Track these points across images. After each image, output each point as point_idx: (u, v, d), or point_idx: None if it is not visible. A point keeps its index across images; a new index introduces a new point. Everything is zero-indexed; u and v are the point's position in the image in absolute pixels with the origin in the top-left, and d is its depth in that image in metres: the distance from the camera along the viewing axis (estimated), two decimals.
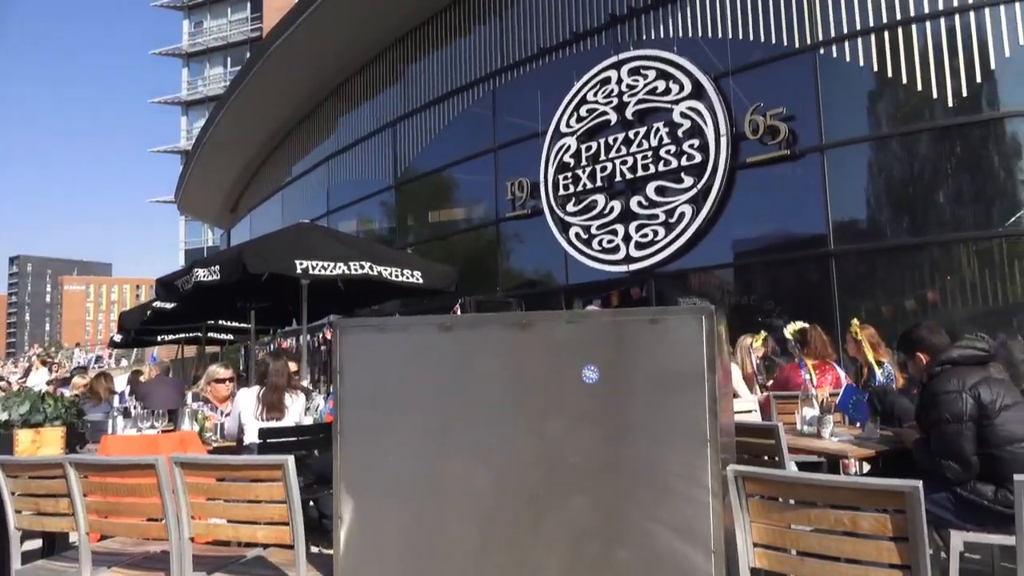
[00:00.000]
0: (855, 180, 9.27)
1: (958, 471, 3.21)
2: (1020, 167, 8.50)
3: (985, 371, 3.42)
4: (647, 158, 10.43)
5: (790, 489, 2.27)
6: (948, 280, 8.67)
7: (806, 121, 9.27)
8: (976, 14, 8.45)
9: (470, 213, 14.30)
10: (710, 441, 2.26)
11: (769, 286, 10.13)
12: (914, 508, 1.95)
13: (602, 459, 2.41)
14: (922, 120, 8.79)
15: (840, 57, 9.11)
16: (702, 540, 2.26)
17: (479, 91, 13.60)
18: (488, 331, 2.69)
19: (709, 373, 2.28)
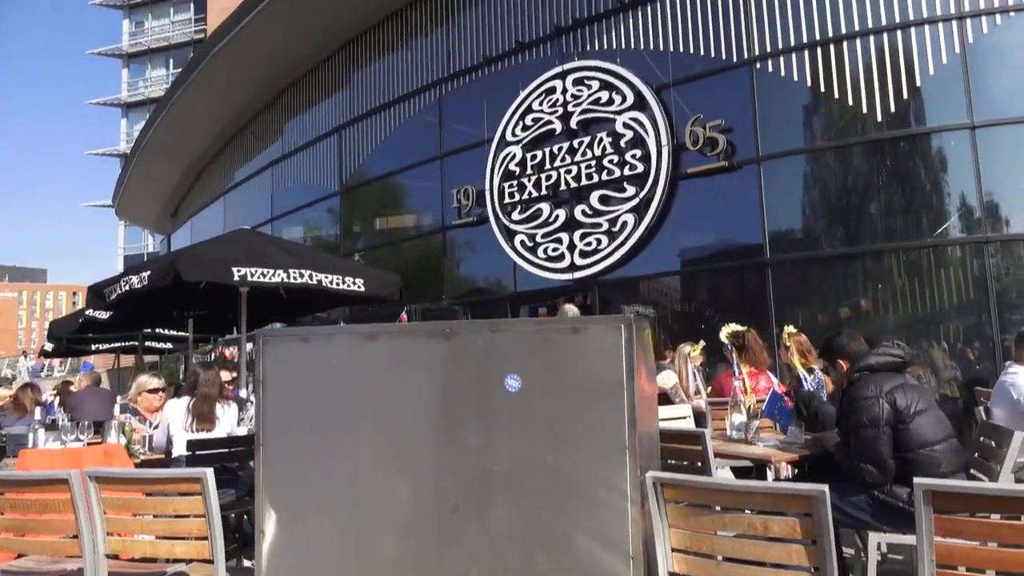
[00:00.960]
0: (790, 191, 9.53)
1: (875, 474, 3.31)
2: (946, 180, 8.86)
3: (901, 377, 3.55)
4: (591, 167, 10.55)
5: (706, 495, 2.32)
6: (879, 288, 8.97)
7: (744, 133, 9.50)
8: (903, 33, 8.79)
9: (416, 220, 14.24)
10: (629, 449, 2.29)
11: (708, 294, 10.34)
12: (821, 512, 2.01)
13: (524, 468, 2.42)
14: (854, 134, 9.10)
15: (776, 71, 9.38)
16: (621, 546, 2.29)
17: (426, 98, 13.57)
18: (413, 341, 2.67)
19: (628, 382, 2.31)
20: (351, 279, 7.20)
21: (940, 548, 1.99)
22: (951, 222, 8.72)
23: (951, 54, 8.53)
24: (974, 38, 8.50)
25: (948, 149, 8.80)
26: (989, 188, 8.45)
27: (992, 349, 8.20)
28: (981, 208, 8.51)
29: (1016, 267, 8.60)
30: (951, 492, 1.97)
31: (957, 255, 8.72)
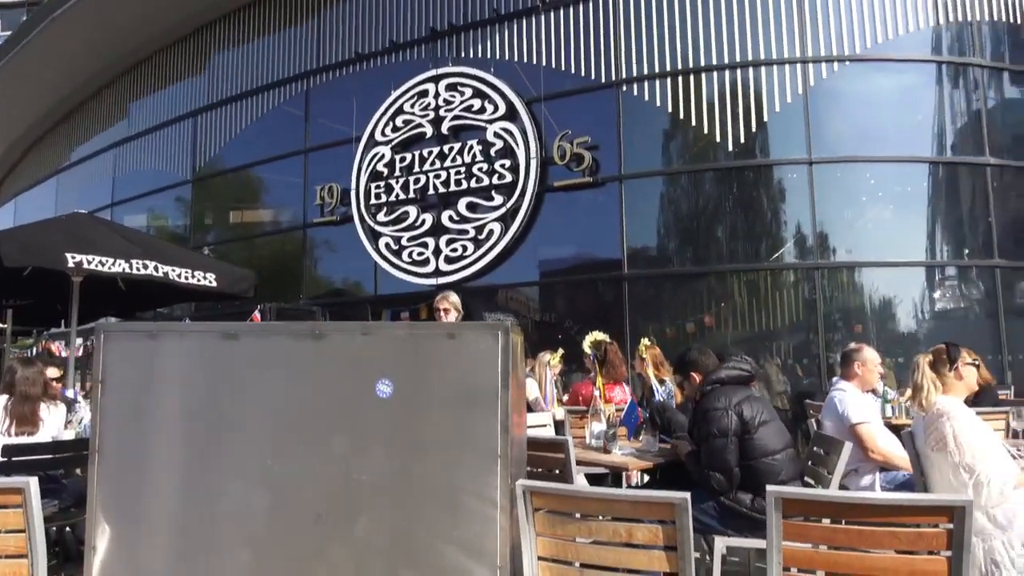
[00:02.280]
0: (648, 210, 10.00)
1: (722, 481, 3.51)
2: (784, 209, 9.63)
3: (748, 390, 3.78)
4: (460, 174, 10.56)
5: (575, 502, 2.34)
6: (723, 306, 9.59)
7: (608, 152, 9.87)
8: (754, 71, 9.49)
9: (275, 216, 13.63)
10: (501, 457, 2.28)
11: (568, 305, 10.62)
12: (683, 518, 2.09)
13: (392, 476, 2.35)
14: (707, 160, 9.70)
15: (640, 95, 9.82)
16: (488, 556, 2.27)
17: (291, 89, 13.04)
18: (278, 341, 2.53)
19: (503, 389, 2.30)
20: (201, 273, 6.77)
21: (786, 551, 2.12)
22: (787, 248, 9.49)
23: (795, 94, 9.31)
24: (815, 81, 9.33)
25: (788, 181, 9.58)
26: (821, 219, 9.28)
27: (819, 366, 8.99)
28: (814, 237, 9.32)
29: (841, 292, 9.49)
30: (799, 499, 2.11)
31: (791, 279, 9.49)
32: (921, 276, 9.51)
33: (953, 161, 9.61)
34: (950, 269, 9.64)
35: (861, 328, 9.31)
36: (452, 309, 5.41)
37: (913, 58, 9.61)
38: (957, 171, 9.64)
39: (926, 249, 9.57)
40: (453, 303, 5.45)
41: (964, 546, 1.93)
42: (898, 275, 9.42)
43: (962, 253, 9.62)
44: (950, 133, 9.79)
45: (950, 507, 1.94)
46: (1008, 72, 10.10)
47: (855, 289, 9.55)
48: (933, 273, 9.60)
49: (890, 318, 9.50)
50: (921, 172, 9.65)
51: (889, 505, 2.10)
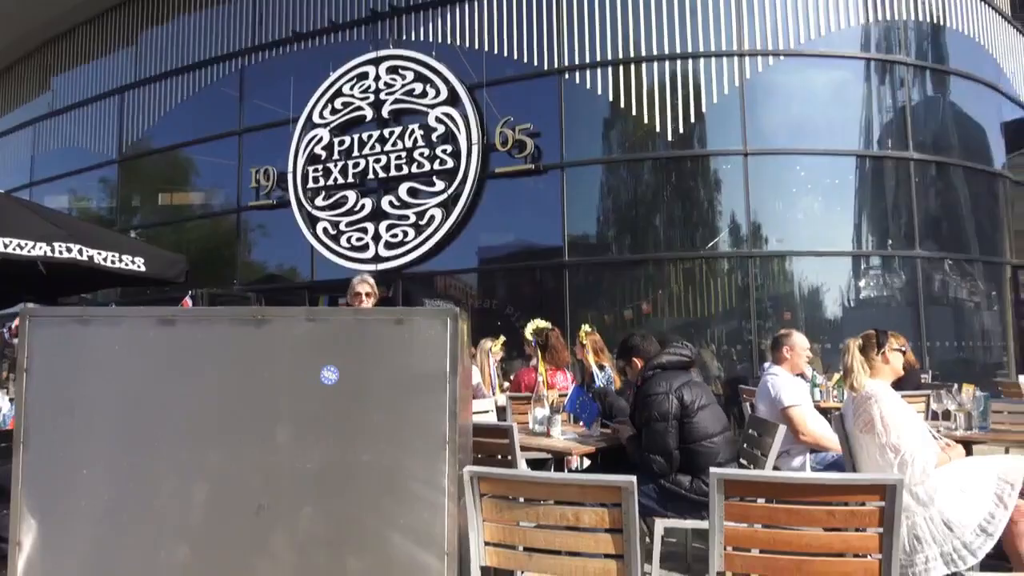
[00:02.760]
0: (589, 198, 10.09)
1: (663, 464, 3.58)
2: (720, 200, 9.86)
3: (688, 375, 3.87)
4: (401, 158, 10.43)
5: (522, 488, 2.35)
6: (660, 293, 9.77)
7: (550, 139, 9.90)
8: (693, 62, 9.65)
9: (208, 198, 13.20)
10: (448, 443, 2.27)
11: (509, 291, 10.65)
12: (628, 501, 2.12)
13: (338, 465, 2.31)
14: (646, 150, 9.84)
15: (582, 83, 9.87)
16: (437, 543, 2.26)
17: (225, 68, 12.62)
18: (217, 327, 2.45)
19: (451, 375, 2.29)
20: (129, 257, 6.48)
21: (727, 531, 2.18)
22: (722, 237, 9.72)
23: (731, 86, 9.51)
24: (751, 74, 9.55)
25: (723, 172, 9.80)
26: (755, 209, 9.54)
27: (751, 351, 9.26)
28: (747, 226, 9.57)
29: (772, 280, 9.79)
30: (741, 480, 2.17)
31: (725, 267, 9.75)
32: (848, 265, 9.89)
33: (879, 155, 10.00)
34: (875, 259, 10.06)
35: (791, 315, 9.63)
36: (373, 294, 5.13)
37: (844, 54, 9.94)
38: (883, 165, 10.04)
39: (852, 239, 9.96)
40: (373, 286, 5.17)
41: (895, 522, 2.02)
42: (826, 264, 9.78)
43: (886, 244, 10.04)
44: (877, 128, 10.18)
45: (882, 485, 2.03)
46: (930, 71, 10.55)
47: (786, 277, 9.87)
48: (859, 262, 10.00)
49: (818, 305, 9.86)
50: (849, 165, 10.01)
51: (826, 485, 2.19)
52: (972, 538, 3.21)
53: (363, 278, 5.13)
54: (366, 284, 5.06)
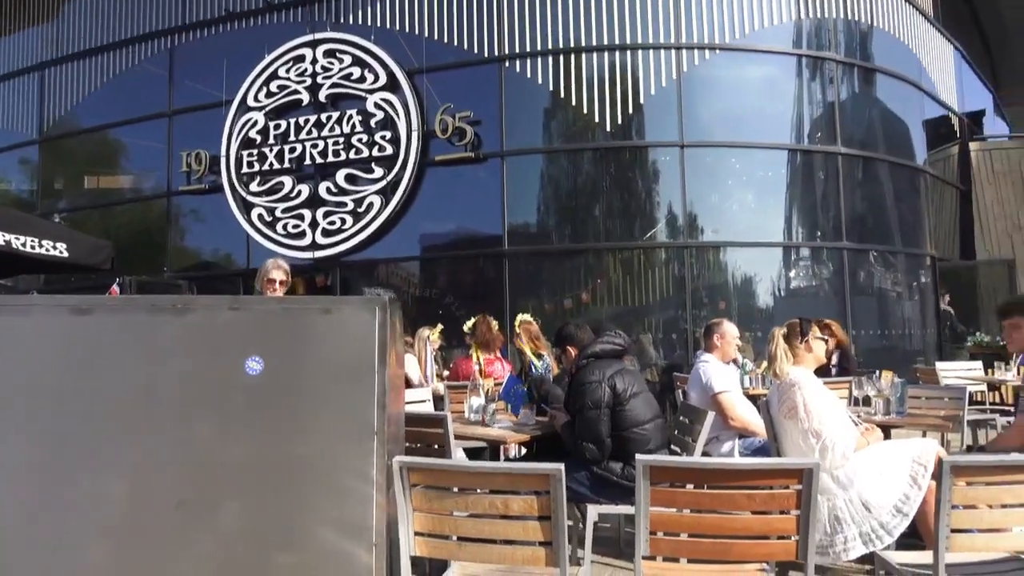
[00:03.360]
0: (529, 187, 10.11)
1: (595, 451, 3.63)
2: (657, 191, 10.01)
3: (621, 363, 3.92)
4: (339, 144, 10.23)
5: (452, 477, 2.35)
6: (599, 283, 9.88)
7: (490, 127, 9.86)
8: (631, 54, 9.75)
9: (136, 182, 12.70)
10: (377, 434, 2.24)
11: (449, 280, 10.60)
12: (556, 488, 2.14)
13: (262, 458, 2.26)
14: (586, 140, 9.91)
15: (523, 72, 9.85)
16: (365, 535, 2.24)
17: (154, 46, 12.13)
18: (135, 316, 2.36)
19: (380, 365, 2.26)
20: (51, 243, 6.22)
21: (653, 516, 2.22)
22: (659, 228, 9.88)
23: (669, 79, 9.64)
24: (688, 67, 9.70)
25: (661, 163, 9.95)
26: (691, 200, 9.72)
27: (686, 339, 9.46)
28: (684, 217, 9.75)
29: (707, 270, 10.01)
30: (665, 466, 2.21)
31: (662, 257, 9.92)
32: (779, 256, 10.19)
33: (809, 149, 10.31)
34: (804, 250, 10.38)
35: (725, 304, 9.87)
36: (287, 282, 4.60)
37: (777, 50, 10.19)
38: (812, 159, 10.36)
39: (784, 231, 10.26)
40: (288, 273, 4.63)
41: (811, 504, 2.10)
42: (759, 255, 10.04)
43: (815, 235, 10.37)
44: (807, 123, 10.49)
45: (799, 469, 2.10)
46: (858, 68, 10.91)
47: (720, 267, 10.11)
48: (789, 253, 10.30)
49: (751, 295, 10.13)
50: (781, 159, 10.29)
51: (747, 470, 2.25)
52: (888, 518, 3.35)
53: (278, 263, 4.58)
54: (281, 270, 4.51)
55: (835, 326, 6.12)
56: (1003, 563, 2.54)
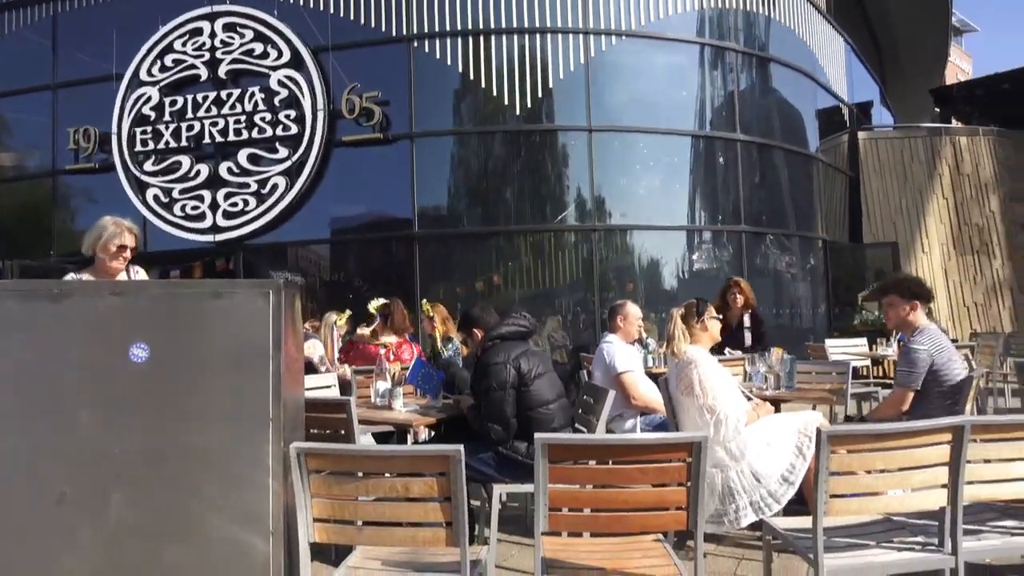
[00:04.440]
0: (439, 169, 10.04)
1: (500, 432, 3.67)
2: (567, 174, 10.14)
3: (526, 344, 3.97)
4: (240, 123, 9.85)
5: (350, 462, 2.32)
6: (510, 265, 9.95)
7: (399, 108, 9.71)
8: (540, 37, 9.79)
9: (17, 160, 11.85)
10: (273, 420, 2.19)
11: (358, 264, 10.44)
12: (456, 469, 2.15)
13: (151, 448, 2.18)
14: (496, 123, 9.90)
15: (432, 52, 9.73)
16: (262, 523, 2.20)
17: (35, 13, 11.30)
18: (8, 303, 2.21)
19: (275, 351, 2.21)
20: None
21: (552, 493, 2.27)
22: (569, 211, 10.03)
23: (577, 63, 9.75)
24: (595, 52, 9.83)
25: (570, 147, 10.08)
26: (599, 184, 9.89)
27: (594, 321, 9.66)
28: (592, 201, 9.92)
29: (615, 253, 10.25)
30: (562, 444, 2.26)
31: (572, 240, 10.08)
32: (683, 239, 10.53)
33: (711, 136, 10.67)
34: (706, 233, 10.77)
35: (633, 286, 10.13)
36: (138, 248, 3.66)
37: (681, 38, 10.46)
38: (714, 145, 10.72)
39: (687, 215, 10.60)
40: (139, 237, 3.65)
41: (700, 476, 2.19)
42: (664, 238, 10.35)
43: (716, 219, 10.77)
44: (709, 110, 10.84)
45: (689, 443, 2.19)
46: (756, 58, 11.34)
47: (627, 250, 10.36)
48: (692, 236, 10.67)
49: (657, 276, 10.44)
50: (685, 144, 10.61)
51: (638, 444, 2.33)
52: (776, 487, 3.55)
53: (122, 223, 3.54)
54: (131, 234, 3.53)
55: (744, 284, 6.43)
56: (876, 524, 2.73)
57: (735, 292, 6.33)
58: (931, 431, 2.37)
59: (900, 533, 2.64)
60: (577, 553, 2.53)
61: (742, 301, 6.32)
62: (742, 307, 6.35)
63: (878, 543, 2.56)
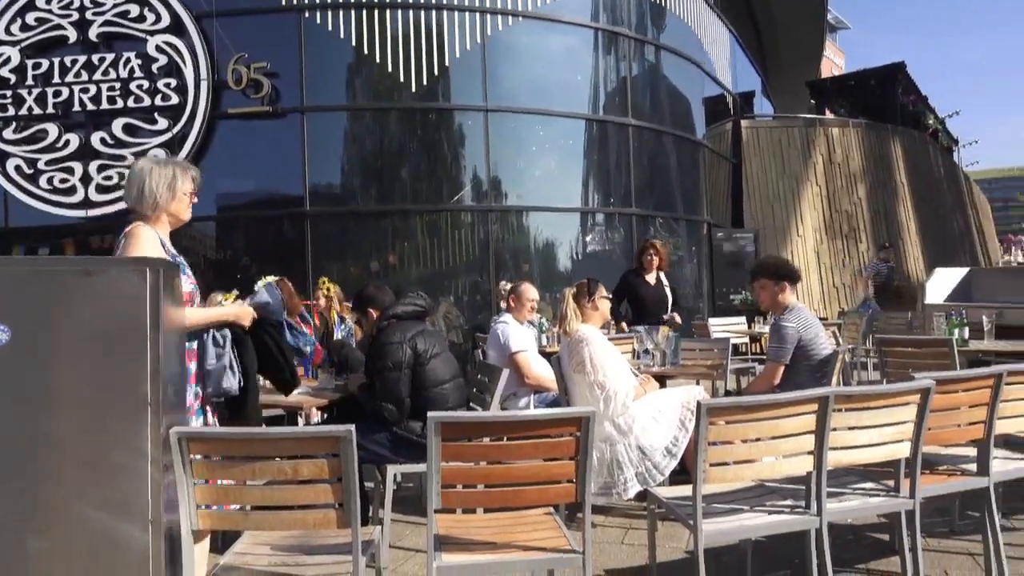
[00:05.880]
0: (332, 146, 9.77)
1: (394, 412, 3.65)
2: (463, 154, 10.11)
3: (422, 324, 3.96)
4: (115, 90, 9.21)
5: (236, 446, 2.25)
6: (406, 245, 9.85)
7: (289, 81, 9.35)
8: (437, 14, 9.67)
9: None
10: (151, 405, 2.09)
11: (248, 242, 10.04)
12: (346, 451, 2.13)
13: (14, 437, 2.03)
14: (392, 100, 9.73)
15: (324, 24, 9.41)
16: (140, 512, 2.09)
17: None
18: None
19: (153, 332, 2.10)
20: None
21: (445, 471, 2.29)
22: (465, 192, 10.01)
23: (474, 42, 9.70)
24: (492, 32, 9.81)
25: (466, 127, 10.05)
26: (496, 165, 9.93)
27: (490, 301, 9.73)
28: (488, 182, 9.95)
29: (511, 234, 10.33)
30: (454, 422, 2.28)
31: (468, 220, 10.08)
32: (577, 221, 10.74)
33: (604, 119, 10.90)
34: (599, 216, 11.04)
35: (528, 266, 10.26)
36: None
37: (576, 21, 10.59)
38: (607, 129, 10.97)
39: (581, 197, 10.82)
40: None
41: (588, 450, 2.26)
42: (559, 219, 10.53)
43: (608, 202, 11.05)
44: (603, 94, 11.07)
45: (577, 418, 2.25)
46: (648, 44, 11.66)
47: (523, 231, 10.47)
48: (586, 218, 10.91)
49: (552, 258, 10.62)
50: (579, 127, 10.80)
51: (528, 420, 2.39)
52: (660, 459, 3.72)
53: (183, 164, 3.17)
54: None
55: (659, 245, 6.64)
56: (752, 490, 2.91)
57: (650, 253, 6.54)
58: (799, 402, 2.54)
59: (772, 498, 2.82)
60: (470, 529, 2.56)
61: (657, 262, 6.54)
62: (658, 268, 6.57)
63: (752, 508, 2.73)
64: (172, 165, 2.85)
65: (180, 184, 2.79)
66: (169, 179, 2.76)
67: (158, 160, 2.87)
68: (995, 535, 2.95)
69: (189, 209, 2.89)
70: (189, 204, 2.87)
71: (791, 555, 3.16)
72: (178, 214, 2.84)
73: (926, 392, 2.66)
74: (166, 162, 2.86)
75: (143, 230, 2.65)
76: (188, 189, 2.83)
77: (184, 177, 2.82)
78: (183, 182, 2.80)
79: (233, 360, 2.77)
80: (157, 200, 2.72)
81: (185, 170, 2.87)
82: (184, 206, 2.84)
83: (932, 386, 2.67)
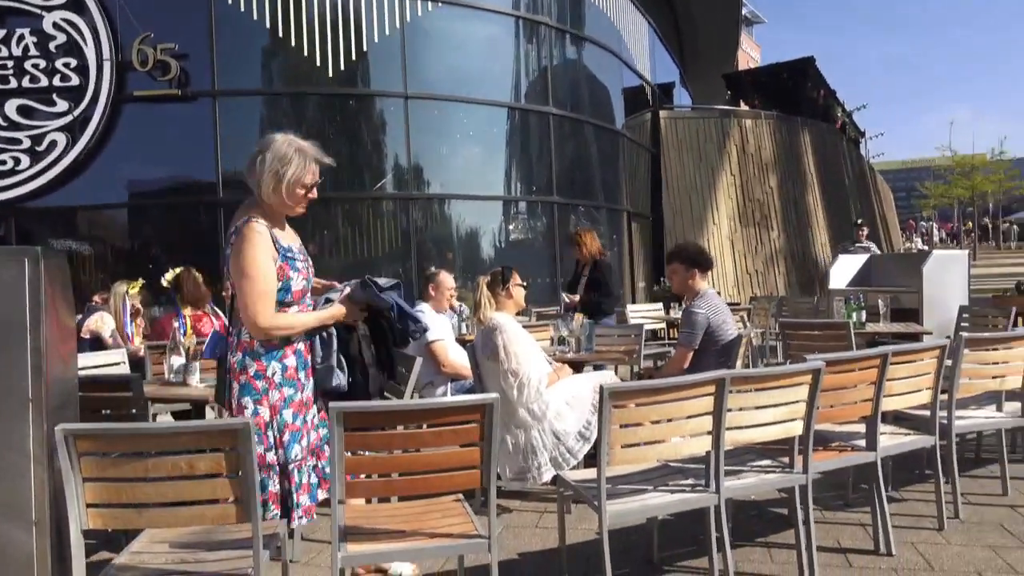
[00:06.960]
0: (246, 132, 9.45)
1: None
2: (384, 141, 9.98)
3: None
4: (7, 69, 8.66)
5: (130, 442, 2.17)
6: (326, 234, 9.65)
7: (200, 63, 9.01)
8: None
9: None
10: (33, 401, 2.00)
11: (158, 231, 9.65)
12: (245, 444, 2.08)
13: None
14: (309, 84, 9.49)
15: (236, 5, 9.07)
16: (23, 513, 2.00)
17: None
18: None
19: (34, 325, 2.00)
20: None
21: (348, 461, 2.27)
22: (386, 180, 9.89)
23: (392, 27, 9.56)
24: (411, 17, 9.68)
25: (387, 114, 9.91)
26: (417, 153, 9.84)
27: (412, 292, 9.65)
28: (410, 170, 9.86)
29: (433, 222, 10.27)
30: (357, 411, 2.26)
31: (390, 208, 9.96)
32: (499, 209, 10.77)
33: (525, 108, 10.95)
34: (521, 204, 11.09)
35: (451, 255, 10.23)
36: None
37: (496, 9, 10.57)
38: (528, 117, 11.02)
39: (503, 185, 10.84)
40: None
41: (493, 436, 2.28)
42: (481, 207, 10.53)
43: (530, 190, 11.12)
44: (524, 83, 11.11)
45: (481, 405, 2.27)
46: (568, 34, 11.75)
47: (445, 220, 10.43)
48: (508, 207, 10.95)
49: (475, 246, 10.62)
50: (501, 116, 10.81)
51: (432, 408, 2.39)
52: (574, 443, 3.79)
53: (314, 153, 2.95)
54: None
55: (585, 235, 6.64)
56: (657, 471, 3.00)
57: (575, 243, 6.59)
58: (698, 384, 2.63)
59: (676, 477, 2.91)
60: (377, 518, 2.55)
61: (586, 252, 6.54)
62: (587, 258, 6.56)
63: (656, 488, 2.81)
64: (294, 150, 2.57)
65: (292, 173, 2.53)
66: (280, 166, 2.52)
67: (283, 140, 2.60)
68: (882, 506, 3.13)
69: (300, 205, 2.64)
70: (301, 201, 2.63)
71: (696, 532, 3.28)
72: (280, 208, 2.60)
73: (817, 373, 2.80)
74: (290, 143, 2.58)
75: (255, 232, 2.45)
76: (306, 181, 2.58)
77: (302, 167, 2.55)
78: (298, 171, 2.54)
79: (340, 359, 2.78)
80: (261, 185, 2.51)
81: (305, 160, 2.58)
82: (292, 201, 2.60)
83: (822, 367, 2.81)
